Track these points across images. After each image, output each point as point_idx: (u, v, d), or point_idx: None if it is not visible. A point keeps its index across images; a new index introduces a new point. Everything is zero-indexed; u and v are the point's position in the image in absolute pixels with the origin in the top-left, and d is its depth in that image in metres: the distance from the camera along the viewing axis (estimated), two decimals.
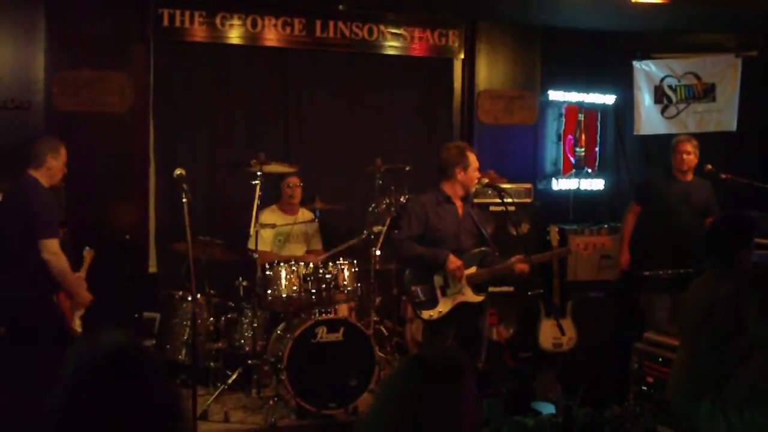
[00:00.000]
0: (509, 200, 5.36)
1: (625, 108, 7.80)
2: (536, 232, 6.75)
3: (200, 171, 6.43)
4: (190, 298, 5.28)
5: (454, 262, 4.88)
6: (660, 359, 4.68)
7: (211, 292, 5.74)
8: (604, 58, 7.70)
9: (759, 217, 6.46)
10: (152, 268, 6.37)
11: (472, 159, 5.02)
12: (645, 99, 7.66)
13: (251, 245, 5.59)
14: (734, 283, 2.92)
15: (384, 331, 6.26)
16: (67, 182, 5.21)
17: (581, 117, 7.64)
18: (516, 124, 7.39)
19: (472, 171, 5.02)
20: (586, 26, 7.32)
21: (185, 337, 5.55)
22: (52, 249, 4.63)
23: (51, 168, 4.79)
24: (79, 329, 4.82)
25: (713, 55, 7.60)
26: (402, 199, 6.08)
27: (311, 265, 5.60)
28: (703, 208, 6.05)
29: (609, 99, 7.75)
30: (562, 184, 7.59)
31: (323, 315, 5.45)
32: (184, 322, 5.59)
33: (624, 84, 7.71)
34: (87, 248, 5.13)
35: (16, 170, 5.54)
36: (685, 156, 6.05)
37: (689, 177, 6.14)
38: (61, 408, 1.64)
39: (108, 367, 1.65)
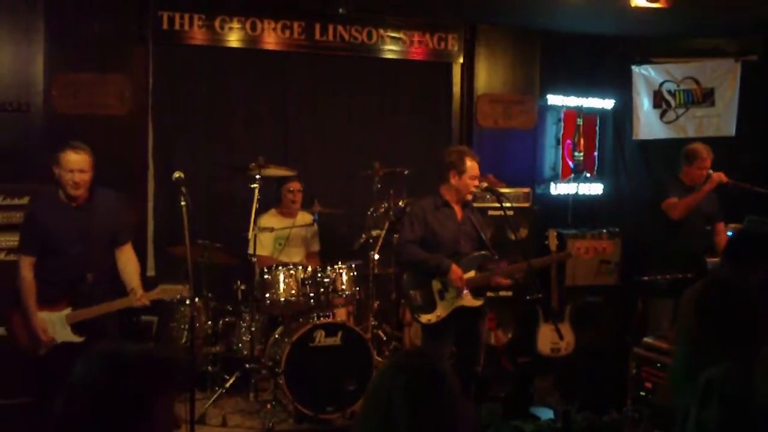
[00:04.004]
0: (508, 204, 5.34)
1: (624, 112, 7.80)
2: (535, 237, 6.75)
3: (199, 174, 6.42)
4: (188, 302, 5.27)
5: (456, 272, 4.86)
6: (659, 364, 4.67)
7: (209, 295, 5.74)
8: (603, 63, 7.70)
9: (759, 221, 6.49)
10: (150, 272, 6.35)
11: (470, 166, 4.95)
12: (644, 103, 7.67)
13: (251, 250, 5.57)
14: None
15: (382, 335, 6.26)
16: None
17: (580, 121, 7.64)
18: (515, 128, 7.40)
19: (467, 178, 4.95)
20: (586, 30, 7.32)
21: (183, 341, 5.54)
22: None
23: (58, 178, 4.39)
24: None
25: (712, 59, 7.61)
26: (401, 203, 6.08)
27: (309, 268, 5.60)
28: (710, 215, 6.03)
29: (608, 103, 7.75)
30: (560, 189, 7.59)
31: (321, 319, 5.44)
32: (182, 326, 5.59)
33: (623, 88, 7.72)
34: None
35: (15, 172, 5.58)
36: (706, 172, 5.85)
37: None
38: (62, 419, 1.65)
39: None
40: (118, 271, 4.63)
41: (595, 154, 7.76)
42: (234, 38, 6.55)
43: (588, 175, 7.69)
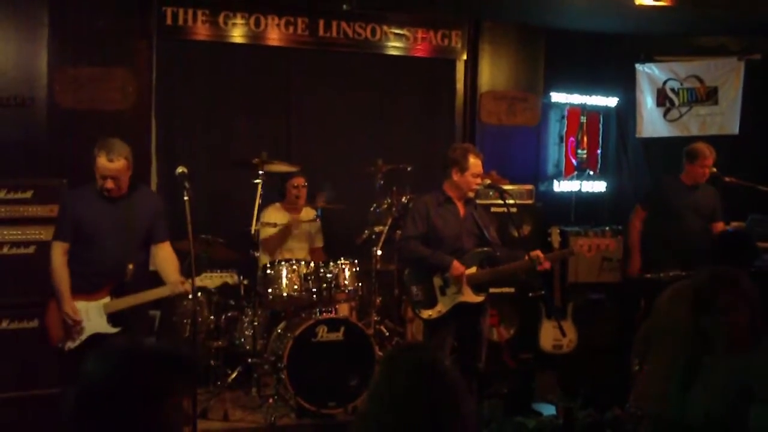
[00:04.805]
0: (511, 201, 5.34)
1: (628, 110, 7.80)
2: (537, 234, 6.74)
3: (202, 169, 6.41)
4: (190, 296, 5.27)
5: (457, 268, 4.85)
6: None
7: (212, 290, 5.72)
8: (607, 61, 7.70)
9: (761, 220, 6.48)
10: (153, 266, 6.34)
11: (473, 163, 4.94)
12: (647, 102, 7.66)
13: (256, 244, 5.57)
14: None
15: (384, 331, 6.26)
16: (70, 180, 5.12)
17: (583, 119, 7.65)
18: (518, 125, 7.40)
19: (469, 175, 4.94)
20: (590, 28, 7.32)
21: (185, 335, 5.54)
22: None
23: (94, 171, 4.35)
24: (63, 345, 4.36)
25: (716, 58, 7.60)
26: (403, 200, 6.08)
27: (312, 264, 5.60)
28: (710, 214, 6.04)
29: (611, 101, 7.75)
30: (563, 186, 7.59)
31: (324, 314, 5.44)
32: (185, 320, 5.59)
33: (626, 86, 7.72)
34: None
35: (18, 167, 5.58)
36: (707, 170, 5.97)
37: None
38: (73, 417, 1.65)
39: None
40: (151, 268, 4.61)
41: (599, 151, 7.76)
42: (237, 34, 6.55)
43: (591, 172, 7.70)
